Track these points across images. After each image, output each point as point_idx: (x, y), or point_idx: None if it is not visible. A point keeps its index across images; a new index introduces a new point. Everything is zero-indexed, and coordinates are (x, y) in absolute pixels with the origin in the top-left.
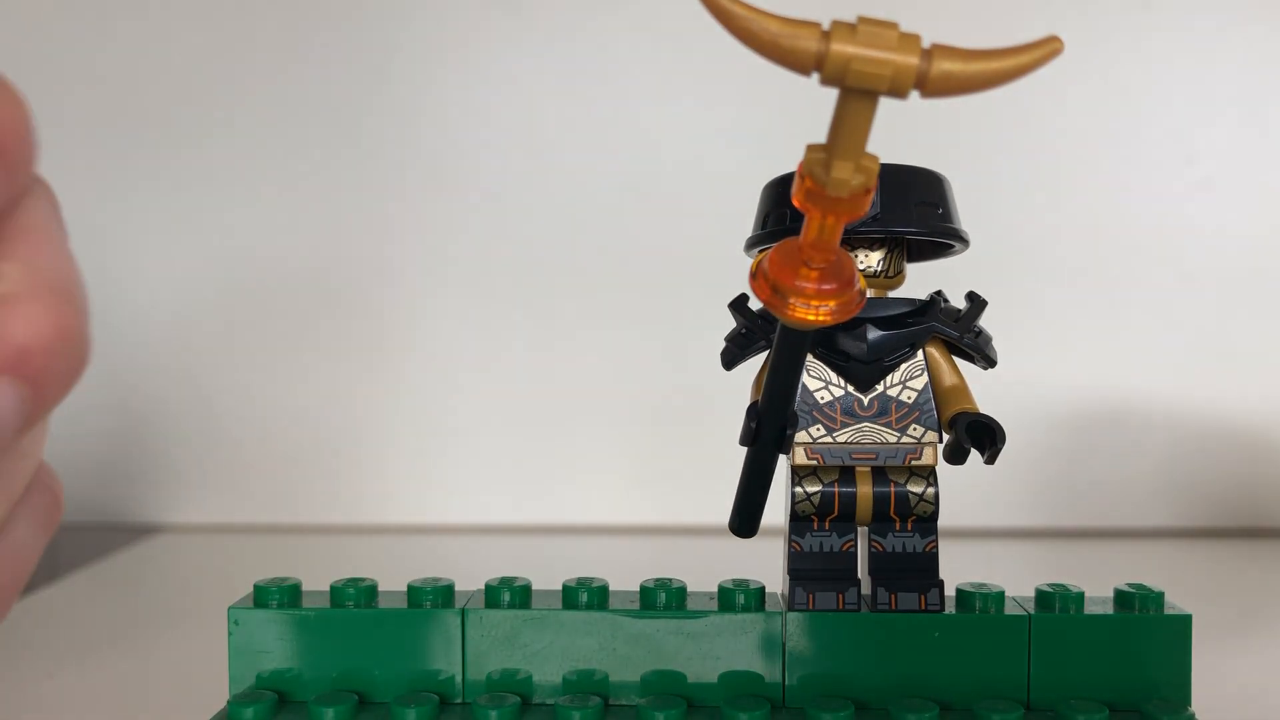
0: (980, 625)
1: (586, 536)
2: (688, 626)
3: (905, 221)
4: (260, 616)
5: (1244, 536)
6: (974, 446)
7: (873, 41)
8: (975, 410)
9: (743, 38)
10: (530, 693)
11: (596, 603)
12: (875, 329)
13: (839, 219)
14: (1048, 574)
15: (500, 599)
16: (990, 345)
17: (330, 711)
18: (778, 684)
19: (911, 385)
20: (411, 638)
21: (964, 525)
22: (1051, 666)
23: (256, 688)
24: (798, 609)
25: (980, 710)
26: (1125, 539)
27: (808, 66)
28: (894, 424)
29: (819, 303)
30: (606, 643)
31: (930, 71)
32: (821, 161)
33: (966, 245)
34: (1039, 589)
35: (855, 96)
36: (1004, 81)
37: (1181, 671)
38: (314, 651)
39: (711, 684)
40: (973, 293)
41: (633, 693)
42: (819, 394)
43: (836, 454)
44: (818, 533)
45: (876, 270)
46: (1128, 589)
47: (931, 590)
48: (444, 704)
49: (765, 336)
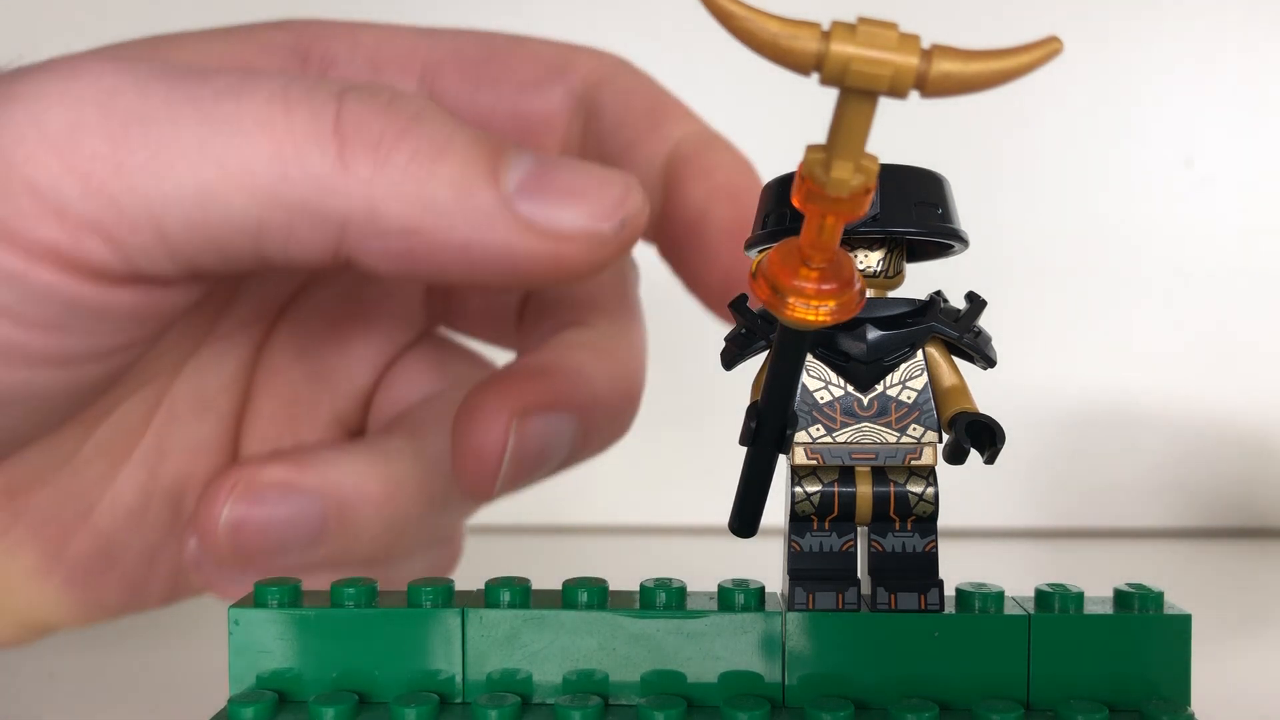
0: (980, 625)
1: (586, 536)
2: (688, 626)
3: (905, 221)
4: (260, 616)
5: (1244, 536)
6: (974, 446)
7: (872, 42)
8: (975, 410)
9: (742, 38)
10: (530, 692)
11: (596, 603)
12: (875, 329)
13: (839, 219)
14: (1047, 574)
15: (500, 599)
16: (990, 345)
17: (330, 711)
18: (777, 684)
19: (911, 385)
20: (411, 637)
21: (964, 525)
22: (1051, 666)
23: (256, 687)
24: (797, 609)
25: (980, 710)
26: (1125, 539)
27: (807, 67)
28: (894, 424)
29: (819, 303)
30: (606, 643)
31: (930, 72)
32: (821, 162)
33: (966, 245)
34: (1039, 589)
35: (855, 97)
36: (1004, 81)
37: (1181, 671)
38: (314, 651)
39: (711, 684)
40: (972, 293)
41: (633, 692)
42: (819, 394)
43: (836, 454)
44: (817, 533)
45: (876, 270)
46: (1127, 589)
47: (931, 590)
48: (444, 703)
49: (765, 336)
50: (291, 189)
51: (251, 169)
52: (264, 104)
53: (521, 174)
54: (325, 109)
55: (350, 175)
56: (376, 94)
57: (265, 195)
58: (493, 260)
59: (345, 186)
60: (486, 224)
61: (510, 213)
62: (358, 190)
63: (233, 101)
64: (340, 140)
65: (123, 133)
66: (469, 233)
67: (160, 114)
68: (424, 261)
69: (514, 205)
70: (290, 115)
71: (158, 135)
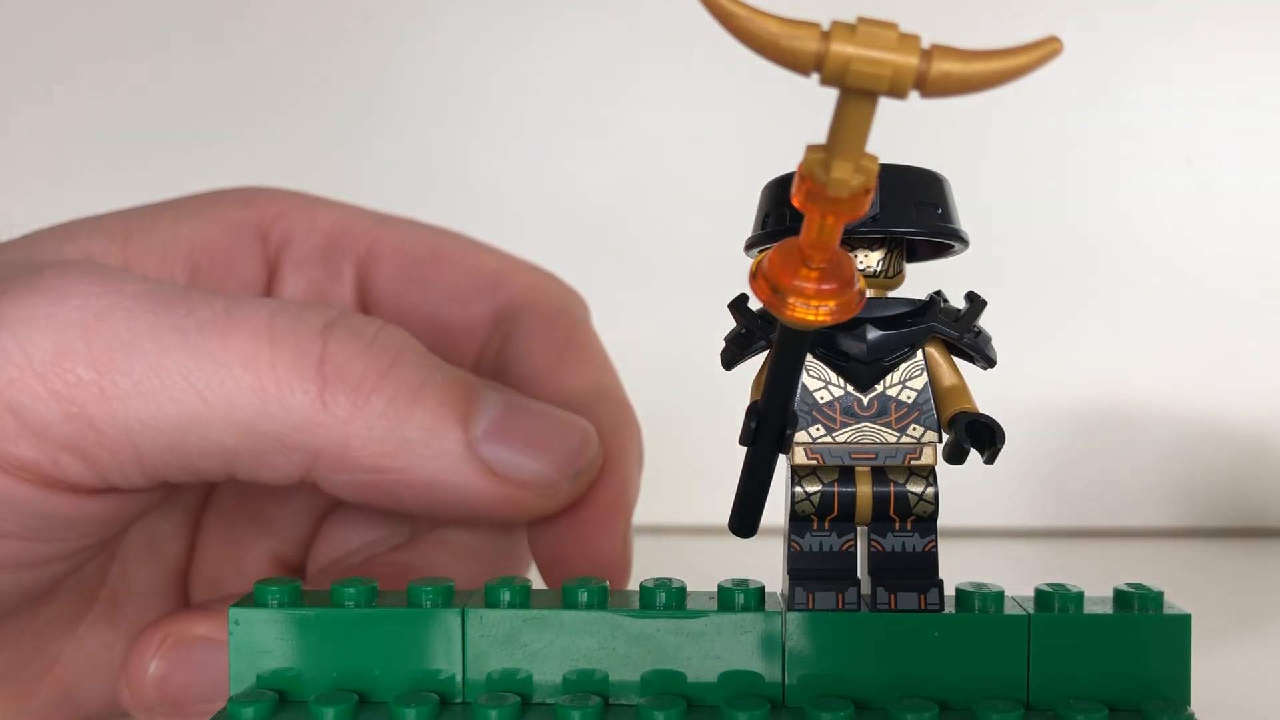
0: (980, 625)
1: None
2: (687, 626)
3: (905, 221)
4: (260, 616)
5: (1244, 536)
6: (973, 446)
7: (872, 42)
8: (975, 410)
9: (743, 38)
10: (530, 692)
11: (596, 603)
12: (875, 329)
13: (839, 219)
14: (1047, 574)
15: (500, 599)
16: (990, 345)
17: (330, 711)
18: (777, 683)
19: (911, 385)
20: (411, 637)
21: (964, 525)
22: (1051, 666)
23: (256, 687)
24: (797, 609)
25: (980, 710)
26: (1125, 539)
27: (807, 67)
28: (893, 424)
29: (819, 303)
30: (606, 642)
31: (930, 72)
32: (821, 161)
33: (966, 245)
34: (1038, 589)
35: (855, 97)
36: (1004, 82)
37: (1181, 671)
38: (314, 651)
39: (711, 683)
40: (972, 293)
41: (633, 692)
42: (819, 394)
43: (836, 454)
44: (817, 533)
45: (876, 270)
46: (1127, 589)
47: (931, 590)
48: (444, 703)
49: (765, 336)
50: (270, 423)
51: (233, 402)
52: (249, 339)
53: (489, 419)
54: (310, 346)
55: (329, 414)
56: (361, 332)
57: (244, 427)
58: (452, 499)
59: (322, 424)
60: (452, 467)
61: (475, 458)
62: (335, 429)
63: (219, 336)
64: (322, 380)
65: (107, 359)
66: (434, 474)
67: (146, 343)
68: (387, 495)
69: (479, 450)
70: (275, 351)
71: (143, 365)
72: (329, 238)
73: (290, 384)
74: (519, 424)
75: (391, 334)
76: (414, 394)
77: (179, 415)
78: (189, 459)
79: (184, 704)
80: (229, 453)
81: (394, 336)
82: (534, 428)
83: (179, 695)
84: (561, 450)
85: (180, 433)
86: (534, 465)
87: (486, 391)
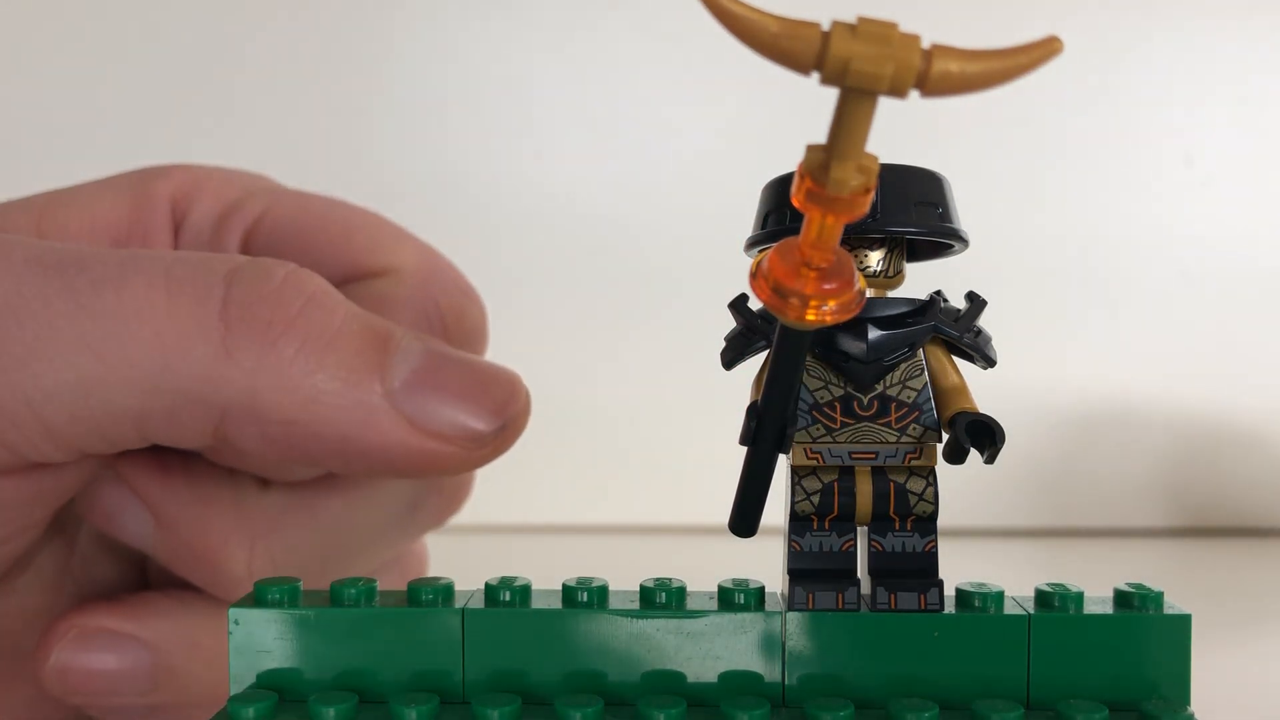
0: (980, 625)
1: (588, 536)
2: (687, 626)
3: (905, 221)
4: (260, 616)
5: (1244, 536)
6: (973, 446)
7: (872, 41)
8: (975, 410)
9: (743, 38)
10: (530, 692)
11: (596, 603)
12: (875, 329)
13: (839, 219)
14: (1047, 574)
15: (500, 599)
16: (990, 345)
17: (331, 711)
18: (777, 683)
19: (911, 385)
20: (412, 637)
21: (964, 525)
22: (1051, 666)
23: (256, 687)
24: (797, 609)
25: (980, 709)
26: (1125, 539)
27: (808, 66)
28: (894, 424)
29: (819, 303)
30: (606, 643)
31: (930, 71)
32: (821, 161)
33: (966, 245)
34: (1039, 589)
35: (855, 96)
36: (1004, 81)
37: (1181, 671)
38: (314, 651)
39: (711, 683)
40: (972, 293)
41: (633, 692)
42: (819, 394)
43: (836, 454)
44: (817, 532)
45: (876, 270)
46: (1127, 589)
47: (931, 590)
48: (444, 703)
49: (765, 336)
50: (173, 379)
51: (132, 360)
52: (144, 291)
53: (408, 369)
54: (211, 292)
55: (234, 364)
56: (269, 275)
57: (147, 385)
58: (369, 454)
59: (228, 375)
60: (368, 420)
61: (392, 410)
62: (241, 379)
63: (112, 291)
64: (225, 326)
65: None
66: (348, 428)
67: (35, 306)
68: (299, 450)
69: (397, 402)
70: (172, 300)
71: (34, 329)
72: (225, 208)
73: (190, 333)
74: (442, 373)
75: (303, 276)
76: (327, 341)
77: (77, 379)
78: (98, 425)
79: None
80: (136, 414)
81: (305, 279)
82: (458, 377)
83: (80, 686)
84: (487, 401)
85: (81, 397)
86: (457, 417)
87: (407, 339)
